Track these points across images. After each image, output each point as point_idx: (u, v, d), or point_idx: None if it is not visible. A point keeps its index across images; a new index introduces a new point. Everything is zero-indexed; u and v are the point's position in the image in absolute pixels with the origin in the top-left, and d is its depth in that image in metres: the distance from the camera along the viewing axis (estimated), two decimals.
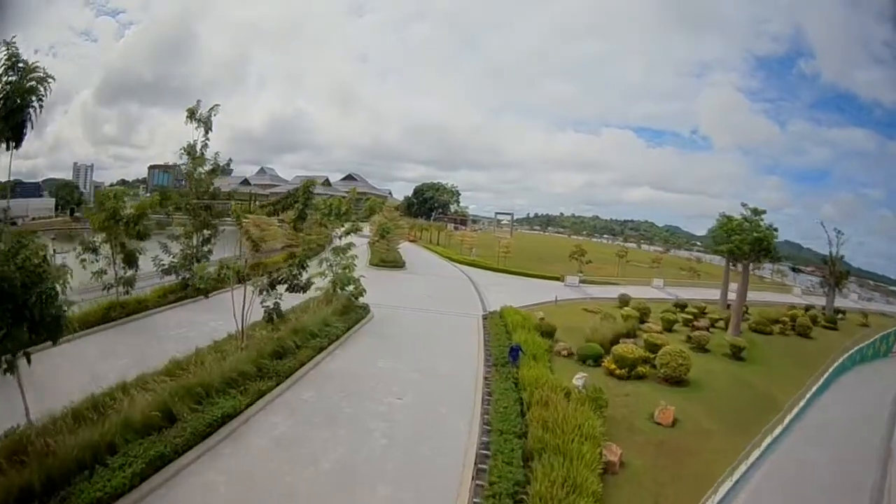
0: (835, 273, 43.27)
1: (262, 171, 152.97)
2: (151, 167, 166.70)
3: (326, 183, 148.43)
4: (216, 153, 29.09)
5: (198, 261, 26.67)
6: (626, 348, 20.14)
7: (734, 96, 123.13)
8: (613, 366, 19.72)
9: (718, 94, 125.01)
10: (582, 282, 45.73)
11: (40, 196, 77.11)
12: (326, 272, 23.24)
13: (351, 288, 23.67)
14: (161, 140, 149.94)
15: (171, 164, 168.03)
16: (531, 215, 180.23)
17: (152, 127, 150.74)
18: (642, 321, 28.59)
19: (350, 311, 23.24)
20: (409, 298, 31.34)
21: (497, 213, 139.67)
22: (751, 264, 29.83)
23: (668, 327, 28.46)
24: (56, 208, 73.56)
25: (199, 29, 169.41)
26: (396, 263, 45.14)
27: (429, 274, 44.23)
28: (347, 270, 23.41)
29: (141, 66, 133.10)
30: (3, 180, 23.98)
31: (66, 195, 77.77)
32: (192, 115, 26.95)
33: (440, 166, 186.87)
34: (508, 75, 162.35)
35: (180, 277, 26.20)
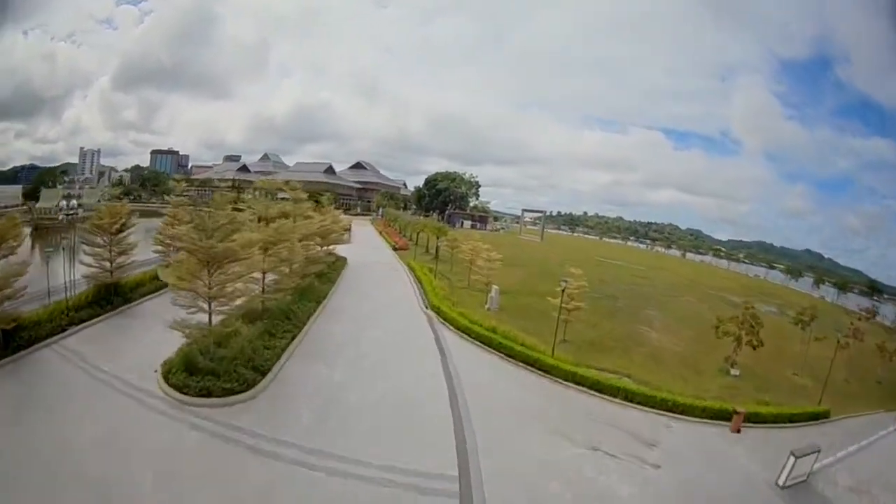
0: None
1: (265, 157, 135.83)
2: (154, 152, 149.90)
3: (330, 171, 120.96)
4: None
5: None
6: None
7: (766, 99, 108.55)
8: None
9: (749, 96, 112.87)
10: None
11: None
12: None
13: None
14: (181, 127, 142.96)
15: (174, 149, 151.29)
16: (554, 213, 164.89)
17: (172, 114, 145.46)
18: None
19: None
20: None
21: (524, 210, 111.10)
22: None
23: None
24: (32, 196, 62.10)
25: (220, 14, 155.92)
26: (225, 385, 13.52)
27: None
28: None
29: (160, 51, 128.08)
30: None
31: (49, 181, 67.39)
32: None
33: (464, 161, 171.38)
34: (533, 70, 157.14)
35: None
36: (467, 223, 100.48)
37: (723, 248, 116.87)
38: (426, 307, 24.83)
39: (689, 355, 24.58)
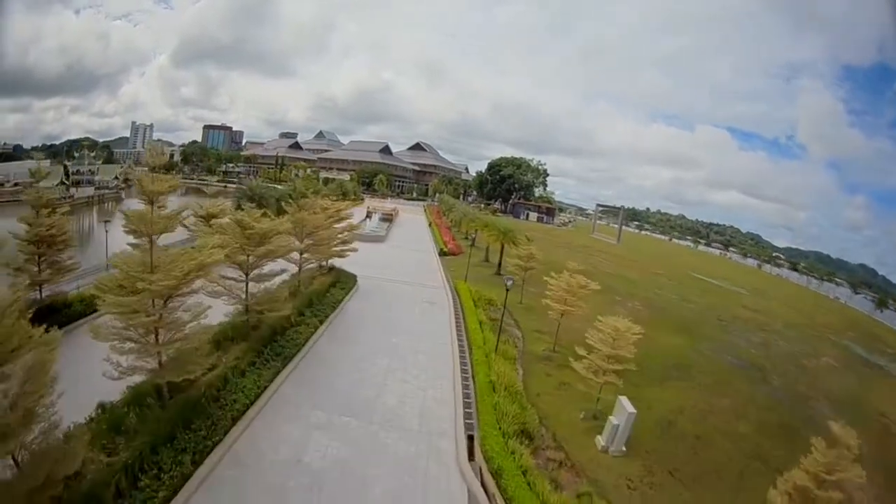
0: None
1: (320, 134, 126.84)
2: (206, 127, 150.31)
3: (386, 151, 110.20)
4: None
5: None
6: None
7: (831, 105, 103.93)
8: None
9: (814, 100, 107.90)
10: None
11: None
12: None
13: None
14: (242, 103, 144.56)
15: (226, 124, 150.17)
16: (617, 206, 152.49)
17: (232, 90, 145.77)
18: None
19: None
20: None
21: (599, 205, 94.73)
22: None
23: None
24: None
25: None
26: None
27: None
28: None
29: (218, 29, 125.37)
30: None
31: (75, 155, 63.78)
32: None
33: (529, 149, 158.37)
34: (600, 61, 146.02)
35: None
36: (533, 215, 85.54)
37: (782, 256, 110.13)
38: (466, 444, 11.26)
39: None
